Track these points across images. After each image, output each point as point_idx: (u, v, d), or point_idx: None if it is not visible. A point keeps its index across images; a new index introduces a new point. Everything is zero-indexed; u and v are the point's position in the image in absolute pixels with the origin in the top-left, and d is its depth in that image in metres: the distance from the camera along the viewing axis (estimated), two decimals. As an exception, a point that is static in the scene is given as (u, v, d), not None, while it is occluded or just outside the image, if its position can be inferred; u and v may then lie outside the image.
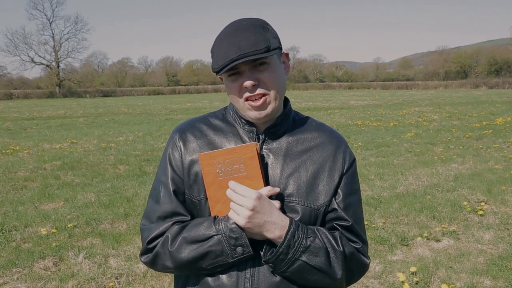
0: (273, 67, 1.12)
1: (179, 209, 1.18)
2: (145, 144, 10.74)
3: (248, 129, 1.19)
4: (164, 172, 1.21)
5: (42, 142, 11.27)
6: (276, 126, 1.19)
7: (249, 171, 1.10)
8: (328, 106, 24.45)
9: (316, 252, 1.09)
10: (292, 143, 1.20)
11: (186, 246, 1.10)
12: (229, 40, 1.08)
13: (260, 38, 1.08)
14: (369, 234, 4.32)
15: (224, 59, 1.07)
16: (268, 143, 1.19)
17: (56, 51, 64.43)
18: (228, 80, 1.14)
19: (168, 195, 1.18)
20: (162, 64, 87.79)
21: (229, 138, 1.20)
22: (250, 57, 1.06)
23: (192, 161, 1.18)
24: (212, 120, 1.26)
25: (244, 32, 1.09)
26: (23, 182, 6.82)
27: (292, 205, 1.14)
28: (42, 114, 22.73)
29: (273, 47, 1.10)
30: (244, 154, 1.10)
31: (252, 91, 1.10)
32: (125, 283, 3.43)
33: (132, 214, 5.11)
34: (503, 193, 5.65)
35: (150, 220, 1.19)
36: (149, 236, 1.16)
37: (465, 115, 16.29)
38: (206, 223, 1.11)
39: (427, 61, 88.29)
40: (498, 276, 3.44)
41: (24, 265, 3.75)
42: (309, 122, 1.27)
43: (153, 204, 1.21)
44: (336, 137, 1.25)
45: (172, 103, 32.20)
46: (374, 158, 8.30)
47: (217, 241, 1.08)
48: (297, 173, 1.16)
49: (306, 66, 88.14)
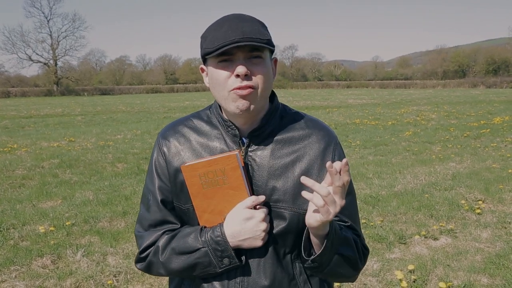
0: (266, 64, 1.09)
1: (168, 218, 1.19)
2: (143, 142, 10.73)
3: (231, 131, 1.14)
4: (152, 181, 1.21)
5: (40, 140, 11.24)
6: (260, 129, 1.14)
7: (232, 182, 1.08)
8: (327, 105, 24.46)
9: (348, 243, 1.13)
10: (279, 145, 1.15)
11: (175, 257, 1.12)
12: (231, 25, 1.04)
13: (263, 31, 1.06)
14: (367, 232, 4.33)
15: (223, 40, 1.01)
16: (253, 146, 1.15)
17: (54, 49, 64.27)
18: (217, 66, 1.07)
19: (156, 204, 1.19)
20: (160, 62, 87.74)
21: (213, 142, 1.16)
22: (253, 43, 1.01)
23: (177, 169, 1.16)
24: (196, 122, 1.22)
25: (247, 22, 1.06)
26: (21, 180, 6.80)
27: (279, 211, 1.12)
28: (40, 112, 22.67)
29: (272, 44, 1.09)
30: (226, 165, 1.07)
31: (242, 81, 1.04)
32: (123, 281, 3.43)
33: (130, 212, 5.11)
34: (500, 191, 5.67)
35: (142, 227, 1.21)
36: (142, 245, 1.18)
37: (463, 114, 16.32)
38: (193, 234, 1.12)
39: (425, 60, 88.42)
40: (495, 274, 3.45)
41: (22, 263, 3.74)
42: (298, 119, 1.21)
43: (144, 211, 1.22)
44: (325, 135, 1.19)
45: (170, 101, 32.17)
46: (372, 157, 8.31)
47: (204, 253, 1.10)
48: (284, 177, 1.13)
49: (304, 65, 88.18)
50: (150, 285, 3.39)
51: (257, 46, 1.03)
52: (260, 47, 1.04)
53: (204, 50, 1.08)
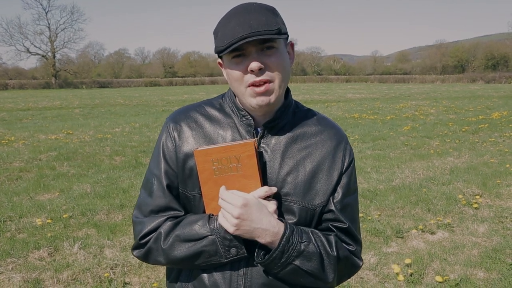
0: (280, 53, 1.07)
1: (172, 204, 1.15)
2: (141, 135, 10.71)
3: (246, 121, 1.14)
4: (157, 165, 1.16)
5: (37, 133, 11.21)
6: (275, 120, 1.14)
7: (246, 170, 1.06)
8: (326, 99, 24.43)
9: (309, 257, 1.07)
10: (291, 139, 1.15)
11: (179, 244, 1.08)
12: (238, 19, 1.02)
13: (271, 20, 1.03)
14: (364, 226, 4.34)
15: (232, 36, 1.00)
16: (266, 138, 1.14)
17: (52, 41, 64.00)
18: (231, 62, 1.06)
19: (161, 189, 1.15)
20: (159, 56, 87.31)
21: (226, 130, 1.15)
22: (262, 36, 1.00)
23: (187, 154, 1.13)
24: (208, 110, 1.19)
25: (254, 13, 1.03)
26: (18, 173, 6.78)
27: (289, 204, 1.12)
28: (37, 105, 22.59)
29: (283, 31, 1.06)
30: (242, 152, 1.05)
31: (257, 75, 1.04)
32: (120, 274, 3.43)
33: (127, 205, 5.10)
34: (498, 186, 5.68)
35: (142, 213, 1.16)
36: (142, 231, 1.13)
37: (461, 109, 16.32)
38: (200, 221, 1.08)
39: (424, 55, 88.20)
40: (492, 269, 3.46)
41: (19, 255, 3.74)
42: (310, 116, 1.22)
43: (146, 196, 1.17)
44: (337, 133, 1.20)
45: (169, 95, 32.09)
46: (370, 151, 8.32)
47: (211, 241, 1.06)
48: (295, 171, 1.12)
49: (303, 59, 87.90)
50: (147, 277, 3.39)
51: (266, 38, 1.02)
52: (269, 39, 1.03)
53: (216, 49, 1.07)
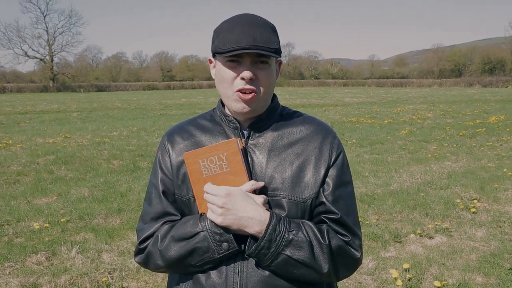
0: (271, 70, 1.16)
1: (169, 209, 1.20)
2: (139, 139, 10.70)
3: (232, 125, 1.20)
4: (155, 175, 1.25)
5: (35, 137, 11.19)
6: (261, 122, 1.20)
7: (232, 167, 1.12)
8: (323, 103, 24.47)
9: (299, 246, 1.07)
10: (278, 136, 1.20)
11: (174, 244, 1.13)
12: (243, 28, 1.10)
13: (272, 39, 1.13)
14: (362, 230, 4.34)
15: (235, 43, 1.08)
16: (253, 138, 1.20)
17: (50, 45, 63.90)
18: (226, 65, 1.14)
19: (158, 196, 1.22)
20: (157, 59, 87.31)
21: (216, 137, 1.22)
22: (262, 52, 1.09)
23: (180, 162, 1.20)
24: (200, 121, 1.28)
25: (259, 27, 1.12)
26: (15, 177, 6.77)
27: (278, 199, 1.14)
28: (35, 108, 22.55)
29: (279, 51, 1.15)
30: (226, 150, 1.12)
31: (247, 83, 1.12)
32: (118, 278, 3.42)
33: (125, 209, 5.09)
34: (495, 191, 5.69)
35: (144, 222, 1.23)
36: (141, 237, 1.20)
37: (459, 113, 16.38)
38: (192, 220, 1.13)
39: (421, 59, 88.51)
40: (490, 273, 3.47)
41: (16, 259, 3.73)
42: (296, 116, 1.27)
43: (146, 206, 1.25)
44: (323, 129, 1.24)
45: (166, 99, 32.08)
46: (368, 155, 8.33)
47: (202, 238, 1.10)
48: (282, 166, 1.16)
49: (301, 63, 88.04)
50: (145, 282, 3.38)
51: (265, 54, 1.10)
52: (267, 55, 1.11)
53: (215, 48, 1.14)
